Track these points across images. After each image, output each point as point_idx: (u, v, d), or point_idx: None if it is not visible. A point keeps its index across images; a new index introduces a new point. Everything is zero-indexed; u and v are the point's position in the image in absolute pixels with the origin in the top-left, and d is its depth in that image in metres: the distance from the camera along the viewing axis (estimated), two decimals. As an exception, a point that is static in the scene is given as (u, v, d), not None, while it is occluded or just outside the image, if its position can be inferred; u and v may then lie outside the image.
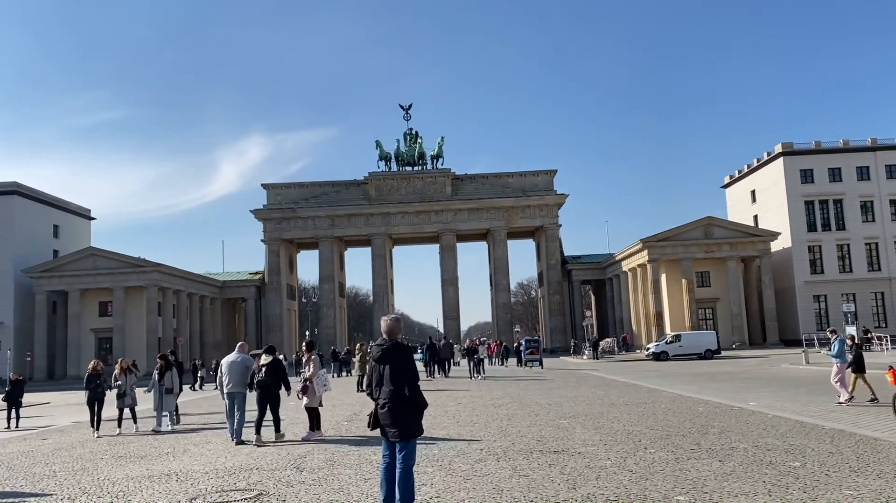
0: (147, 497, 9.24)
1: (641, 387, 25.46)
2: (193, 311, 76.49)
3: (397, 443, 7.40)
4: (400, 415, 7.37)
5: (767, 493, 7.99)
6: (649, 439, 12.53)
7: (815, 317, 68.88)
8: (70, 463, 12.87)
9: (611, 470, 9.71)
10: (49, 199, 76.67)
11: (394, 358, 7.49)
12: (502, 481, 9.19)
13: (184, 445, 14.63)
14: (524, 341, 47.20)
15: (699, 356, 52.96)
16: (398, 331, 7.69)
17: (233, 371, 14.66)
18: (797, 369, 35.86)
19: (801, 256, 69.86)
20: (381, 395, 7.51)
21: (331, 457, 11.84)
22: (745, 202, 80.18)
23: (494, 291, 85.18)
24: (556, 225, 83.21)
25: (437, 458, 11.25)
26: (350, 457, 11.74)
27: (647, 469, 9.70)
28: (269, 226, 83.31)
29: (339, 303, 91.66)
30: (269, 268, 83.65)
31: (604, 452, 11.26)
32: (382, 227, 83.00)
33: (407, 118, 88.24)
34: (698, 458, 10.38)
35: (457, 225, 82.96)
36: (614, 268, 79.41)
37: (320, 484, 9.43)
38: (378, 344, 7.68)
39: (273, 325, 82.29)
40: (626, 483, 8.83)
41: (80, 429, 19.58)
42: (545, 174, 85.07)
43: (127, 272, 67.98)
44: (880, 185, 70.40)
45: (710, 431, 13.26)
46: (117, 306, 67.75)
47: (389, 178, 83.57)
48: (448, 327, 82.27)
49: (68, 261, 68.89)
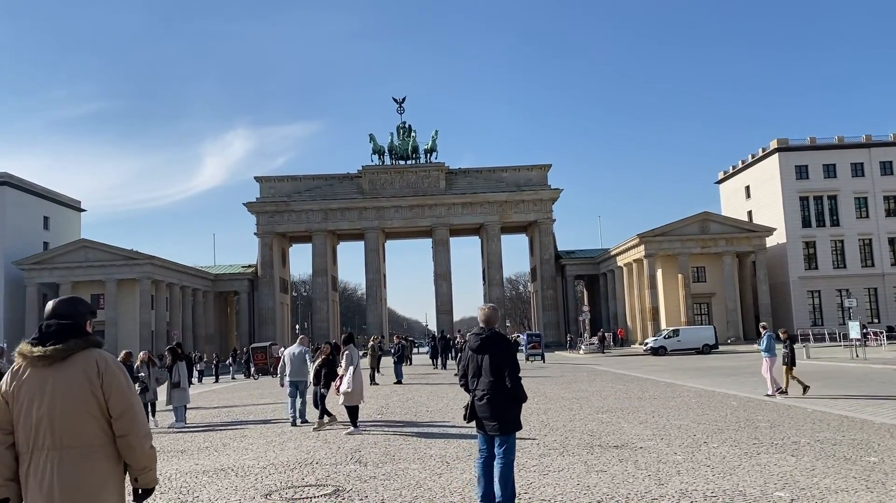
0: (215, 492, 8.93)
1: (658, 382, 25.33)
2: (186, 305, 75.69)
3: (497, 436, 7.13)
4: (500, 407, 7.10)
5: (866, 489, 7.80)
6: (703, 433, 12.35)
7: (808, 313, 69.31)
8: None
9: (686, 465, 9.51)
10: (39, 191, 75.50)
11: (494, 347, 7.22)
12: (581, 477, 8.96)
13: (220, 440, 14.29)
14: (525, 335, 47.05)
15: (697, 351, 53.07)
16: (496, 319, 7.42)
17: (294, 361, 16.04)
18: (799, 363, 35.50)
19: (796, 252, 70.21)
20: (478, 387, 7.24)
21: (385, 450, 11.56)
22: (739, 198, 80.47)
23: (488, 286, 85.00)
24: (550, 220, 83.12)
25: (497, 453, 10.98)
26: (405, 450, 11.46)
27: (722, 464, 9.51)
28: (263, 219, 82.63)
29: (332, 297, 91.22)
30: (262, 262, 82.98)
31: (666, 447, 11.06)
32: (376, 221, 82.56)
33: (400, 111, 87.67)
34: (768, 453, 10.19)
35: (450, 219, 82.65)
36: (608, 264, 79.45)
37: (393, 479, 9.15)
38: (476, 333, 7.40)
39: (266, 319, 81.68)
40: (712, 478, 8.63)
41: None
42: (539, 169, 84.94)
43: (119, 264, 67.12)
44: (874, 182, 70.86)
45: (759, 425, 13.10)
46: (109, 299, 66.89)
47: (383, 172, 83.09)
48: (441, 321, 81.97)
49: (60, 252, 67.91)
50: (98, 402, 3.89)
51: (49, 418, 3.83)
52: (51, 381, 3.86)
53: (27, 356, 3.92)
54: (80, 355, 3.92)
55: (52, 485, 3.75)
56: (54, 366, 3.88)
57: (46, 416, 3.83)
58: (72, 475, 3.78)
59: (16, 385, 3.91)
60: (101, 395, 3.90)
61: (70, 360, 3.90)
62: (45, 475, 3.77)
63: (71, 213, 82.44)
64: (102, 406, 3.90)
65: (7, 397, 3.92)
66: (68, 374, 3.88)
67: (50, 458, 3.79)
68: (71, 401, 3.85)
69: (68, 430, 3.82)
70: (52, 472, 3.77)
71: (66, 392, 3.86)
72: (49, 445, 3.81)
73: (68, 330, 4.00)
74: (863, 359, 35.36)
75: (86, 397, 3.87)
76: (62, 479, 3.76)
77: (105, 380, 3.93)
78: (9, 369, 4.01)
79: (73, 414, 3.84)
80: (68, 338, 3.94)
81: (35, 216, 74.41)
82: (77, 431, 3.83)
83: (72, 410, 3.84)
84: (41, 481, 3.76)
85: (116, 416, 3.91)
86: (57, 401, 3.84)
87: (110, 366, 4.00)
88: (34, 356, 3.89)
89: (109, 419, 3.91)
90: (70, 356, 3.91)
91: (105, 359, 4.01)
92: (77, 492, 3.77)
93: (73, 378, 3.87)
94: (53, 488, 3.74)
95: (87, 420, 3.86)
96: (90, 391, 3.88)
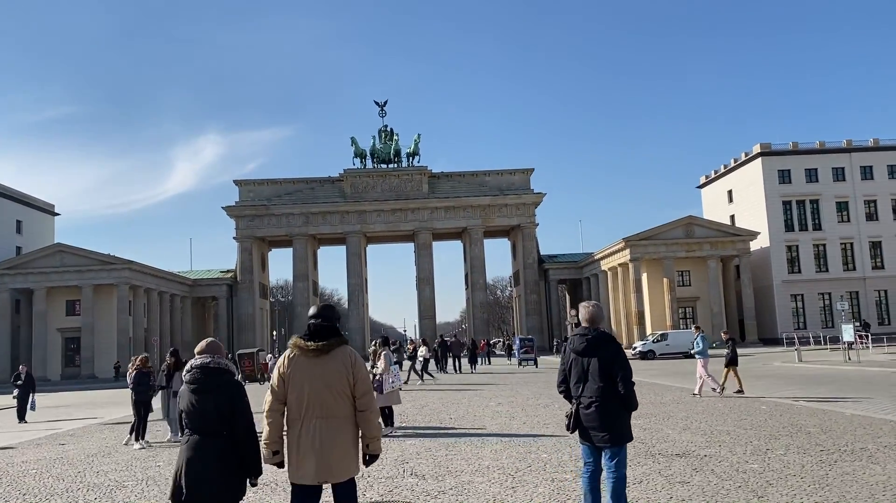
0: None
1: (670, 387, 24.87)
2: (164, 311, 74.07)
3: (606, 448, 6.47)
4: (610, 416, 6.43)
5: None
6: (758, 439, 11.84)
7: (792, 317, 69.68)
8: (144, 472, 11.64)
9: (769, 475, 8.95)
10: (12, 194, 73.49)
11: (602, 349, 6.56)
12: (667, 489, 8.37)
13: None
14: (518, 340, 46.57)
15: (685, 355, 52.94)
16: (601, 318, 6.76)
17: None
18: (793, 367, 35.58)
19: (779, 256, 70.60)
20: (584, 393, 6.57)
21: (434, 461, 10.86)
22: (721, 202, 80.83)
23: (471, 291, 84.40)
24: (533, 224, 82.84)
25: (560, 461, 10.35)
26: (456, 462, 10.76)
27: (807, 473, 8.97)
28: (242, 223, 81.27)
29: (314, 303, 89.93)
30: (241, 267, 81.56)
31: (729, 454, 10.52)
32: (358, 225, 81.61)
33: (382, 115, 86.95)
34: (845, 461, 9.69)
35: (433, 223, 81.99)
36: (592, 268, 79.32)
37: (465, 494, 8.46)
38: (580, 333, 6.71)
39: (246, 325, 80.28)
40: (811, 489, 8.07)
41: (95, 433, 18.23)
42: (522, 173, 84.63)
43: (96, 269, 65.35)
44: (855, 186, 71.54)
45: (811, 431, 12.64)
46: (86, 305, 65.11)
47: (365, 176, 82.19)
48: (424, 327, 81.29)
49: (34, 257, 65.98)
50: (349, 385, 5.25)
51: (317, 395, 5.19)
52: (318, 368, 5.24)
53: (302, 348, 5.29)
54: (339, 350, 5.31)
55: (320, 442, 5.13)
56: (321, 357, 5.24)
57: (315, 394, 5.19)
58: (332, 436, 5.17)
59: (291, 369, 5.28)
60: (351, 380, 5.26)
61: (332, 353, 5.27)
62: (314, 436, 5.13)
63: (45, 216, 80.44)
64: (351, 388, 5.26)
65: (285, 377, 5.27)
66: (331, 364, 5.25)
67: (317, 425, 5.15)
68: (333, 383, 5.22)
69: (330, 405, 5.19)
70: (319, 434, 5.14)
71: (329, 377, 5.22)
72: (317, 415, 5.17)
73: (331, 330, 5.37)
74: (857, 363, 35.27)
75: (342, 381, 5.24)
76: (325, 439, 5.15)
77: (355, 370, 5.30)
78: (282, 355, 5.37)
79: (334, 393, 5.21)
80: (330, 337, 5.31)
81: (7, 220, 72.38)
82: (335, 406, 5.20)
83: (332, 390, 5.21)
84: (312, 439, 5.13)
85: (359, 396, 5.28)
86: (323, 384, 5.21)
87: (358, 359, 5.38)
88: (309, 349, 5.26)
89: (354, 398, 5.27)
90: (332, 350, 5.27)
91: (355, 354, 5.42)
92: (336, 447, 5.16)
93: (334, 367, 5.25)
94: (321, 445, 5.12)
95: (342, 398, 5.24)
96: (345, 377, 5.25)
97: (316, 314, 5.38)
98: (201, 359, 5.33)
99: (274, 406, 5.26)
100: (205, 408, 5.10)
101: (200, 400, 5.12)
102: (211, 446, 5.04)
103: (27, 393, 23.94)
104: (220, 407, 5.10)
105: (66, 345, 67.63)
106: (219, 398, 5.13)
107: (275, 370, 5.28)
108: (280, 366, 5.26)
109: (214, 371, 5.24)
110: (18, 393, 23.94)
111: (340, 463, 5.16)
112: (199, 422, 5.12)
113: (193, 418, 5.14)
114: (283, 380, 5.23)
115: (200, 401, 5.12)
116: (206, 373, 5.21)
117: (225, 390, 5.18)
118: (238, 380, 5.45)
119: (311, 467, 5.09)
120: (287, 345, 5.42)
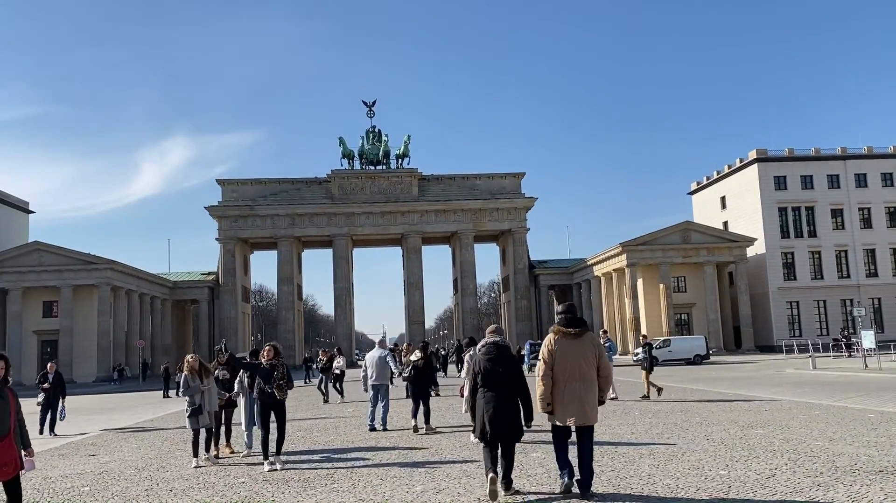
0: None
1: (707, 392, 23.52)
2: (144, 313, 71.43)
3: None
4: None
5: None
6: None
7: (787, 324, 69.03)
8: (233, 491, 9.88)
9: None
10: (-15, 190, 70.60)
11: None
12: None
13: (323, 475, 11.74)
14: (528, 345, 45.09)
15: (687, 361, 51.99)
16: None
17: (376, 365, 16.13)
18: (811, 374, 34.09)
19: (775, 262, 70.00)
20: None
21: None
22: (713, 208, 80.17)
23: (460, 296, 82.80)
24: (524, 228, 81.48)
25: (698, 464, 8.81)
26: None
27: None
28: (225, 223, 78.84)
29: (298, 307, 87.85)
30: (223, 269, 79.15)
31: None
32: (345, 228, 79.63)
33: (370, 115, 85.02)
34: None
35: (423, 227, 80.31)
36: (584, 273, 78.17)
37: None
38: None
39: (228, 329, 77.71)
40: None
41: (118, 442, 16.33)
42: (513, 177, 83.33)
43: (76, 269, 62.59)
44: (850, 194, 71.27)
45: None
46: (64, 306, 62.36)
47: (353, 177, 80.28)
48: (413, 331, 79.52)
49: (10, 256, 63.01)
50: (595, 358, 8.12)
51: (578, 365, 8.02)
52: (577, 346, 8.12)
53: (564, 333, 8.14)
54: (587, 334, 8.22)
55: (582, 396, 7.96)
56: (577, 339, 8.14)
57: (576, 364, 8.02)
58: (588, 392, 8.01)
59: (557, 346, 8.11)
60: (597, 355, 8.14)
61: (584, 336, 8.19)
62: (577, 392, 7.95)
63: (19, 214, 77.37)
64: (596, 359, 8.13)
65: (553, 352, 8.09)
66: (584, 344, 8.17)
67: (578, 386, 7.98)
68: (587, 356, 8.09)
69: (586, 371, 8.03)
70: (581, 391, 7.96)
71: (585, 353, 8.10)
72: (577, 378, 7.99)
73: (580, 321, 8.29)
74: (877, 369, 34.23)
75: (592, 355, 8.12)
76: (584, 394, 7.98)
77: (598, 348, 8.23)
78: (547, 337, 8.36)
79: (588, 363, 8.06)
80: (581, 325, 8.26)
81: (-20, 217, 69.43)
82: (588, 371, 8.05)
83: (586, 361, 8.06)
84: (576, 396, 7.94)
85: (602, 367, 8.17)
86: (581, 357, 8.06)
87: (598, 340, 8.55)
88: (570, 333, 8.13)
89: (598, 366, 8.13)
90: (584, 334, 8.19)
91: (597, 338, 8.62)
92: (591, 399, 8.01)
93: (586, 346, 8.16)
94: (582, 398, 7.95)
95: (592, 366, 8.09)
96: (594, 352, 8.15)
97: (566, 310, 8.29)
98: (492, 338, 8.40)
99: (546, 372, 8.03)
100: (497, 372, 8.04)
101: (493, 367, 8.06)
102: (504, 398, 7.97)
103: (56, 398, 19.49)
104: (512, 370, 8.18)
105: (42, 347, 64.74)
106: (509, 365, 8.22)
107: (543, 348, 8.13)
108: (548, 344, 8.12)
109: (503, 347, 8.26)
110: (44, 398, 19.49)
111: (592, 411, 7.97)
112: (495, 382, 8.04)
113: (491, 379, 8.06)
114: (552, 355, 8.09)
115: (493, 367, 8.07)
116: (498, 348, 8.24)
117: (511, 360, 8.30)
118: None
119: (573, 413, 7.86)
120: (549, 331, 8.29)
